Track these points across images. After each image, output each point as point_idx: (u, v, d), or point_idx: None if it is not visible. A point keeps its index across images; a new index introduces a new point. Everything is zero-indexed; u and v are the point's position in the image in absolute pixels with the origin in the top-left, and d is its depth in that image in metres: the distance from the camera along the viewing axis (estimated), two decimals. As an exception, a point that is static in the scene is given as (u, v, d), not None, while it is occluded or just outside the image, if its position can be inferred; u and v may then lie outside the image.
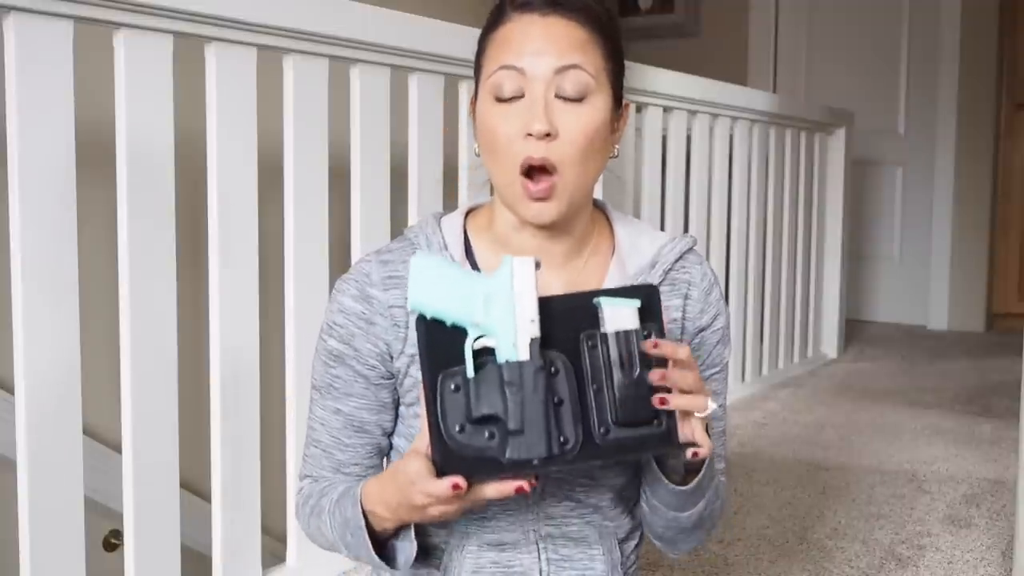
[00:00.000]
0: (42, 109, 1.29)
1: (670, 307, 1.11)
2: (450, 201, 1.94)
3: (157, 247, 1.44)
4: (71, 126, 1.32)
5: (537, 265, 0.91)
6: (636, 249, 1.12)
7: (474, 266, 1.10)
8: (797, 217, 3.58)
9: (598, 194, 2.33)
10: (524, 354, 0.89)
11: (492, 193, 1.12)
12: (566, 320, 0.92)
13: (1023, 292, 4.59)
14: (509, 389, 0.89)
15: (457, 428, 0.89)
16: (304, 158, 1.66)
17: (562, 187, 1.00)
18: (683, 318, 1.12)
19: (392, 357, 1.07)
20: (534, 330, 0.89)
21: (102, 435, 2.29)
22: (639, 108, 2.64)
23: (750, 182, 3.24)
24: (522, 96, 1.00)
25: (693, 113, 2.89)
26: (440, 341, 0.90)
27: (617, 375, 0.91)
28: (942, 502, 2.21)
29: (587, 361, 0.91)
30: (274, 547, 2.00)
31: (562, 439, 0.89)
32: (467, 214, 1.14)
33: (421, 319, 0.90)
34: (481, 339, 0.90)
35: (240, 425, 1.58)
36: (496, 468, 0.88)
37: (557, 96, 1.00)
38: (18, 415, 1.30)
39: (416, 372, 1.07)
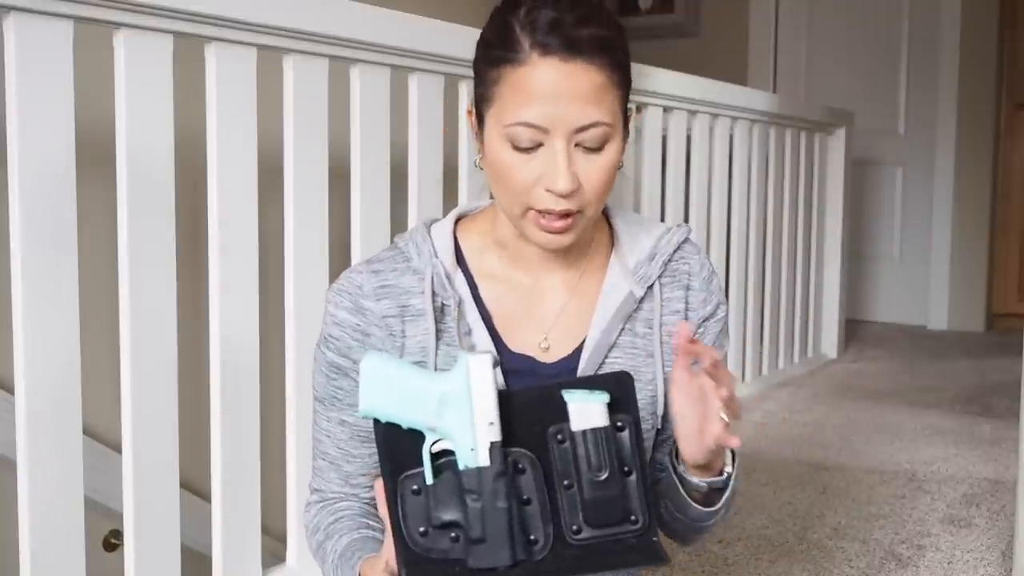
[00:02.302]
0: (42, 109, 1.29)
1: (672, 299, 1.11)
2: (450, 201, 1.94)
3: (157, 247, 1.44)
4: (71, 126, 1.32)
5: (495, 363, 0.87)
6: (635, 243, 1.12)
7: (466, 273, 1.09)
8: (797, 217, 3.58)
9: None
10: (484, 459, 0.85)
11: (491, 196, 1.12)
12: (532, 413, 0.88)
13: (1023, 292, 4.59)
14: (469, 496, 0.85)
15: (420, 531, 0.86)
16: (304, 158, 1.66)
17: (580, 222, 1.01)
18: (686, 309, 1.12)
19: None
20: (494, 433, 0.85)
21: (102, 435, 2.29)
22: (639, 108, 2.64)
23: (750, 182, 3.24)
24: (540, 145, 0.98)
25: (693, 113, 2.89)
26: (400, 441, 0.87)
27: (586, 475, 0.87)
28: (942, 502, 2.21)
29: (556, 457, 0.88)
30: (274, 547, 2.00)
31: (531, 539, 0.86)
32: (458, 220, 1.14)
33: (378, 422, 0.87)
34: (439, 442, 0.86)
35: (240, 425, 1.58)
36: (461, 575, 0.85)
37: (577, 146, 0.98)
38: (18, 415, 1.29)
39: None
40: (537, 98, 0.96)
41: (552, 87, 0.96)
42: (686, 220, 2.93)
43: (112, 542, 2.38)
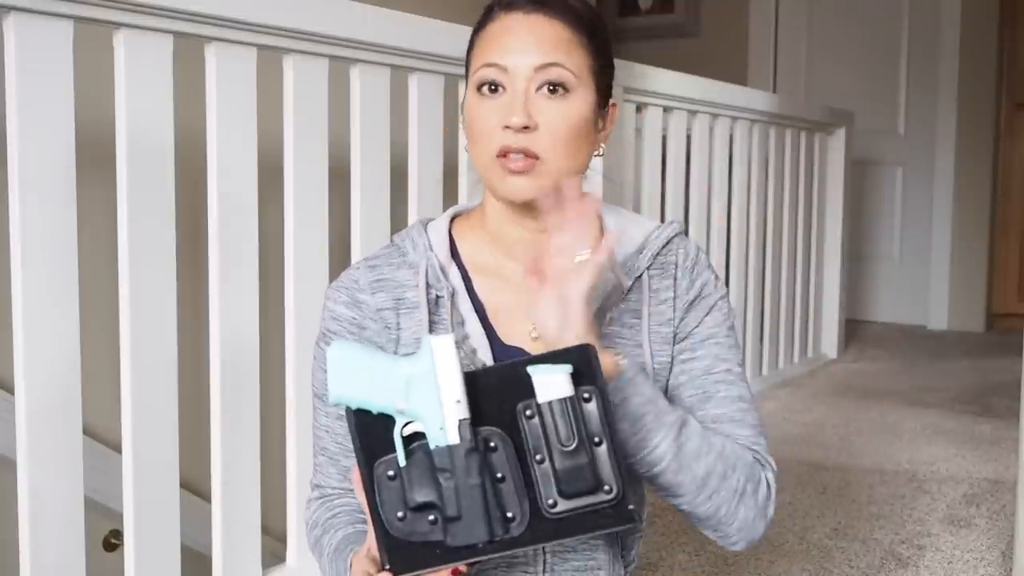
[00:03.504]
0: (42, 109, 1.29)
1: (660, 288, 1.12)
2: (450, 201, 1.94)
3: (157, 247, 1.44)
4: (71, 126, 1.32)
5: (459, 343, 0.88)
6: (624, 236, 1.13)
7: (460, 267, 1.11)
8: (797, 217, 3.58)
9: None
10: (454, 437, 0.86)
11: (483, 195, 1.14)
12: (499, 392, 0.89)
13: (1023, 292, 4.59)
14: (441, 476, 0.86)
15: (398, 516, 0.87)
16: (304, 158, 1.66)
17: (542, 169, 1.02)
18: (674, 296, 1.13)
19: None
20: (462, 411, 0.86)
21: (102, 435, 2.29)
22: (639, 108, 2.64)
23: (750, 182, 3.24)
24: (504, 90, 1.03)
25: (693, 113, 2.89)
26: (373, 428, 0.88)
27: (556, 446, 0.88)
28: (942, 502, 2.21)
29: (527, 433, 0.89)
30: (274, 547, 2.00)
31: (508, 515, 0.87)
32: (454, 218, 1.16)
33: (349, 409, 0.88)
34: (410, 424, 0.87)
35: (240, 425, 1.58)
36: (442, 556, 0.86)
37: (538, 91, 1.03)
38: (18, 415, 1.30)
39: None
40: (499, 42, 1.04)
41: (515, 31, 1.04)
42: (686, 220, 2.93)
43: (112, 542, 2.38)
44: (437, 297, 1.08)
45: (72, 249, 1.33)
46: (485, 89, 1.04)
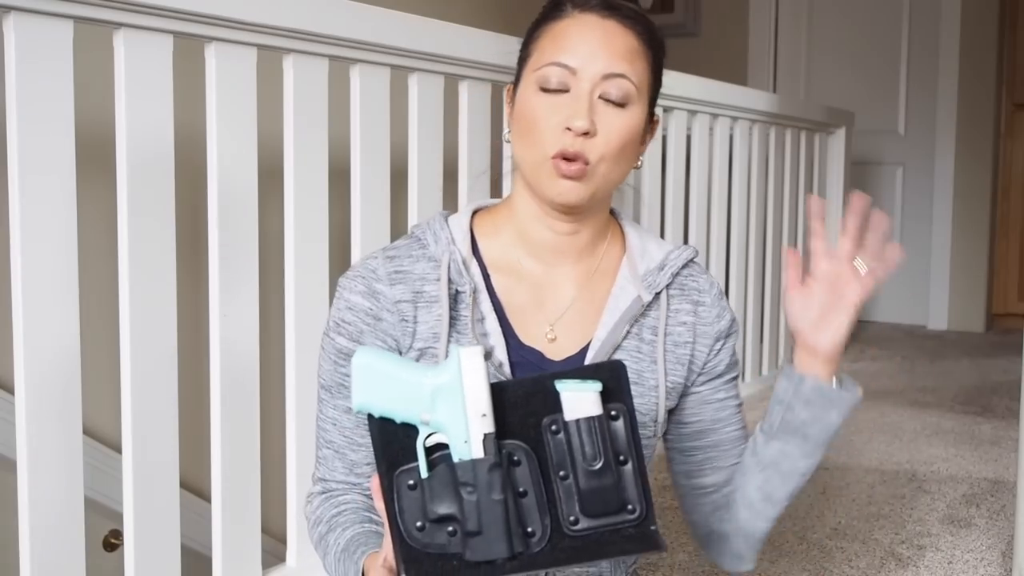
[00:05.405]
0: (42, 109, 1.29)
1: (680, 310, 1.14)
2: (450, 201, 1.94)
3: (157, 247, 1.44)
4: (71, 126, 1.32)
5: (487, 355, 0.87)
6: (645, 252, 1.15)
7: (480, 264, 1.11)
8: (797, 217, 3.58)
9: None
10: (478, 451, 0.85)
11: (500, 195, 1.13)
12: (525, 405, 0.88)
13: (1023, 292, 4.59)
14: (464, 489, 0.85)
15: (417, 526, 0.86)
16: (304, 158, 1.66)
17: (592, 175, 1.03)
18: (696, 323, 1.14)
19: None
20: (487, 425, 0.85)
21: (102, 435, 2.29)
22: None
23: (750, 182, 3.24)
24: (567, 91, 1.03)
25: (693, 113, 2.89)
26: (394, 436, 0.87)
27: (581, 465, 0.87)
28: (942, 502, 2.21)
29: (551, 448, 0.87)
30: (274, 547, 2.01)
31: (528, 531, 0.86)
32: (474, 213, 1.15)
33: (372, 416, 0.87)
34: (433, 435, 0.86)
35: (240, 425, 1.58)
36: (459, 569, 0.85)
37: (600, 97, 1.03)
38: (18, 415, 1.29)
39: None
40: (571, 42, 1.03)
41: (587, 35, 1.03)
42: (686, 220, 2.93)
43: (112, 542, 2.38)
44: (457, 292, 1.07)
45: (72, 249, 1.33)
46: (551, 84, 1.03)
